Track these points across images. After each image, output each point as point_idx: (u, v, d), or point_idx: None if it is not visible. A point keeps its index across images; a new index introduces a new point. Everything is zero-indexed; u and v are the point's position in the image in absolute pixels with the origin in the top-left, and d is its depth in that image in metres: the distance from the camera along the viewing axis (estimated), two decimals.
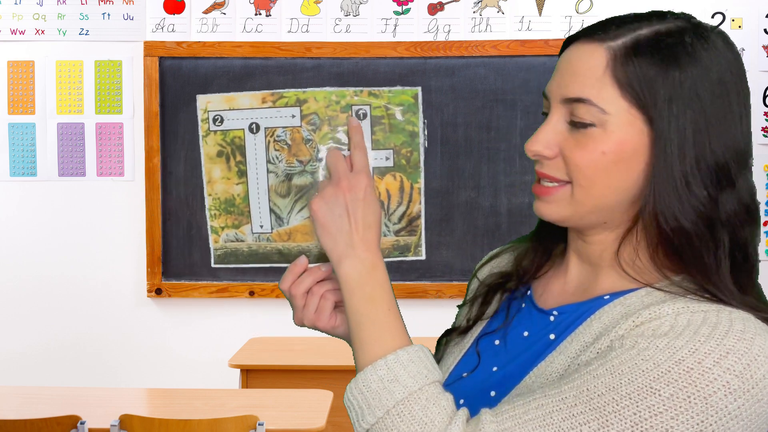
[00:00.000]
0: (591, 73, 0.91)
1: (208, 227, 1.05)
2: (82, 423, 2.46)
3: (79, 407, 2.68)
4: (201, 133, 1.04)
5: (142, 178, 4.03)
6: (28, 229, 4.09)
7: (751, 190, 0.93)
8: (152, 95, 3.97)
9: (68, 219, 4.08)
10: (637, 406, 0.82)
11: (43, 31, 4.05)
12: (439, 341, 1.14)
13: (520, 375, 0.97)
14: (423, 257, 1.04)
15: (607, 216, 0.95)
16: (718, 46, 0.91)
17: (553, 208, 0.96)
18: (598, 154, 0.91)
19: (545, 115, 0.97)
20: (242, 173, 1.04)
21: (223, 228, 1.05)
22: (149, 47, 3.99)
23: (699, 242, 0.89)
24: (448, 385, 1.04)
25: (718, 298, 0.89)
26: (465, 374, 1.04)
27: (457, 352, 1.08)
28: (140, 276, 4.08)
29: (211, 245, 1.05)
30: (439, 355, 1.12)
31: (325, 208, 0.94)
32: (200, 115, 1.03)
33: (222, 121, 1.03)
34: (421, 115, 1.01)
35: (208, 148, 1.05)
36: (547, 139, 0.95)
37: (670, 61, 0.89)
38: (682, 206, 0.89)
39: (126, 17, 4.04)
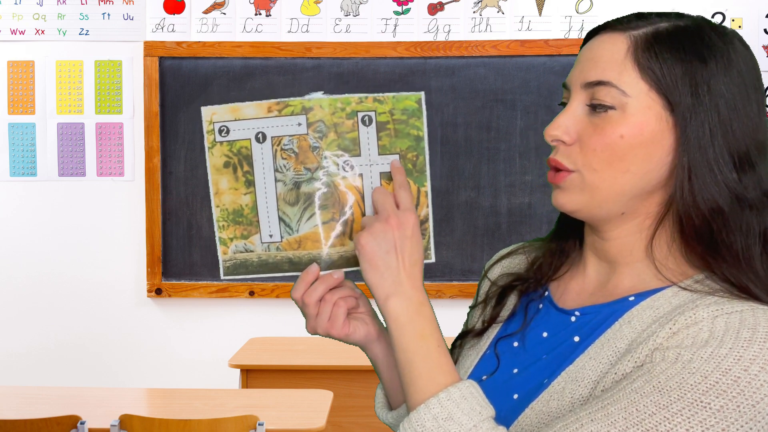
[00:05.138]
0: (612, 58, 0.93)
1: (217, 239, 1.04)
2: (82, 423, 2.46)
3: (79, 407, 2.68)
4: (207, 144, 1.03)
5: (142, 178, 4.03)
6: (28, 229, 4.09)
7: None
8: (152, 95, 3.98)
9: (68, 219, 4.08)
10: (689, 423, 0.82)
11: (43, 31, 4.05)
12: (454, 344, 1.13)
13: (543, 377, 0.96)
14: (433, 260, 1.04)
15: (625, 205, 0.95)
16: (735, 43, 0.94)
17: (568, 196, 0.96)
18: (616, 138, 0.92)
19: (563, 105, 0.98)
20: (250, 183, 1.03)
21: (231, 239, 1.04)
22: (149, 47, 3.99)
23: (733, 224, 0.90)
24: None
25: (748, 292, 0.89)
26: (484, 377, 1.03)
27: (474, 354, 1.08)
28: (140, 276, 4.08)
29: (220, 257, 1.04)
30: (454, 358, 1.11)
31: (374, 243, 0.94)
32: (205, 126, 1.03)
33: (228, 131, 1.03)
34: (425, 118, 1.01)
35: (214, 159, 1.03)
36: (566, 124, 0.95)
37: (691, 52, 0.92)
38: (718, 187, 0.90)
39: (126, 17, 4.04)
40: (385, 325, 1.12)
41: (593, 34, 0.99)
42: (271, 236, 1.04)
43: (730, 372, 0.82)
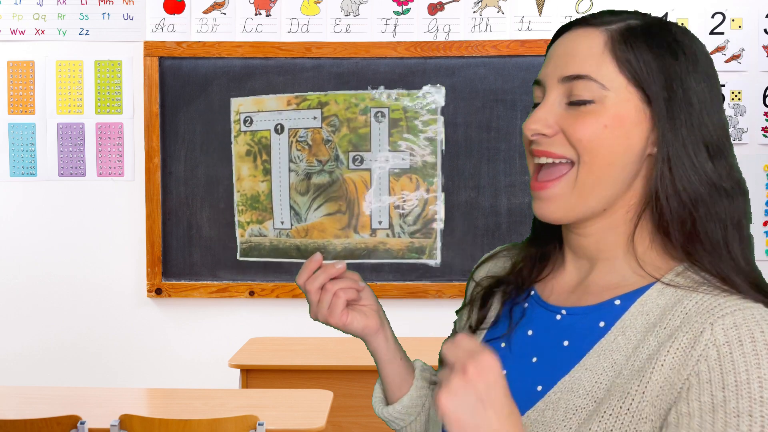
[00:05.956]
0: (590, 52, 0.94)
1: (236, 222, 1.10)
2: (82, 423, 2.46)
3: (79, 407, 2.68)
4: (233, 133, 1.08)
5: (142, 178, 4.03)
6: (29, 229, 4.09)
7: (738, 167, 0.97)
8: (152, 95, 3.97)
9: (68, 219, 4.08)
10: None
11: (43, 31, 4.05)
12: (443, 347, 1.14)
13: (535, 382, 0.96)
14: (438, 260, 1.04)
15: (607, 201, 0.95)
16: (696, 40, 0.97)
17: (555, 205, 0.96)
18: (600, 127, 0.93)
19: (537, 105, 0.98)
20: (267, 171, 1.09)
21: (248, 223, 1.11)
22: (149, 47, 3.99)
23: (713, 213, 0.92)
24: None
25: (729, 281, 0.90)
26: None
27: None
28: (140, 276, 4.08)
29: (238, 239, 1.11)
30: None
31: (456, 403, 0.79)
32: (233, 116, 1.07)
33: (251, 122, 1.08)
34: (439, 117, 1.03)
35: (238, 147, 1.09)
36: (545, 118, 0.95)
37: (663, 48, 0.94)
38: (698, 176, 0.92)
39: (126, 17, 4.04)
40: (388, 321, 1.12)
41: (563, 31, 0.99)
42: (282, 223, 1.10)
43: (764, 401, 0.83)
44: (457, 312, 1.18)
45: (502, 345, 1.03)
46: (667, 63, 0.93)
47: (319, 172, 0.87)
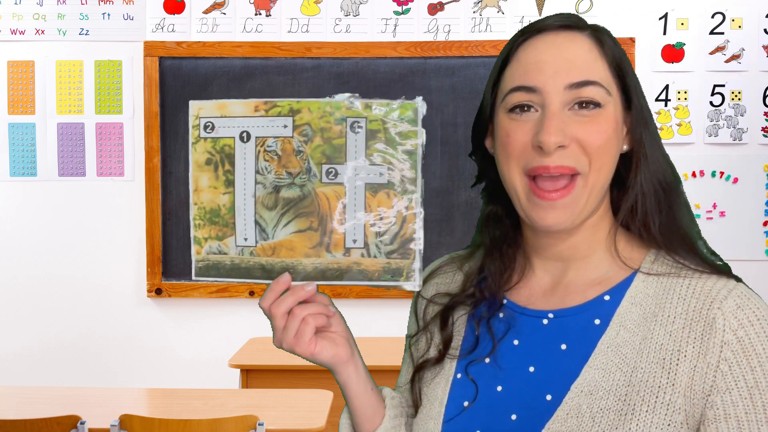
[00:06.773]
0: (589, 57, 0.95)
1: (191, 237, 1.00)
2: (82, 423, 2.46)
3: (79, 407, 2.68)
4: (191, 139, 0.99)
5: (142, 178, 4.03)
6: (29, 229, 4.09)
7: None
8: (152, 95, 3.97)
9: (68, 219, 4.08)
10: None
11: (43, 31, 4.05)
12: (412, 378, 1.07)
13: (541, 392, 0.94)
14: (417, 282, 0.96)
15: (599, 202, 0.97)
16: None
17: (569, 211, 0.94)
18: (611, 132, 0.94)
19: (523, 108, 0.95)
20: (230, 183, 0.99)
21: (206, 239, 1.00)
22: (149, 47, 3.99)
23: (680, 196, 0.98)
24: (451, 419, 0.99)
25: (700, 263, 0.94)
26: (466, 403, 0.99)
27: (443, 382, 1.02)
28: (140, 276, 4.08)
29: (193, 257, 1.00)
30: (416, 390, 1.06)
31: None
32: (191, 121, 0.99)
33: (213, 128, 0.99)
34: (420, 130, 0.96)
35: (197, 155, 0.99)
36: (560, 128, 0.92)
37: (618, 46, 0.98)
38: (668, 165, 0.98)
39: (126, 17, 4.04)
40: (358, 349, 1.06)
41: (527, 36, 0.98)
42: (245, 240, 0.99)
43: None
44: (410, 337, 1.10)
45: (487, 361, 0.99)
46: (630, 67, 0.98)
47: (288, 185, 0.83)
